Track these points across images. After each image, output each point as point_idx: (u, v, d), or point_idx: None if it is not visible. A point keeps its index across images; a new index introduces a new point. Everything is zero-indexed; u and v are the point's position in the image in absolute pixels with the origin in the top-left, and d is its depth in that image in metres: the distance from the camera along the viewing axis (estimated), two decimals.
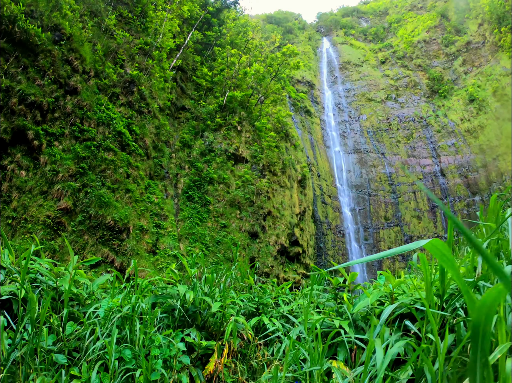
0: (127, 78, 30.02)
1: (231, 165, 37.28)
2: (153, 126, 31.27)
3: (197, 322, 5.98)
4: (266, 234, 35.25)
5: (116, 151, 25.57)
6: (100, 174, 23.99)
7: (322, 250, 48.66)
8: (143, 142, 29.33)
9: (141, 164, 28.25)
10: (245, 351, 6.02)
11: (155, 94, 32.78)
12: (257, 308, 7.06)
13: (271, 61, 45.58)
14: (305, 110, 66.53)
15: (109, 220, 22.67)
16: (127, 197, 25.40)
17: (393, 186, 59.99)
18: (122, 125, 27.11)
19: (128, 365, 4.65)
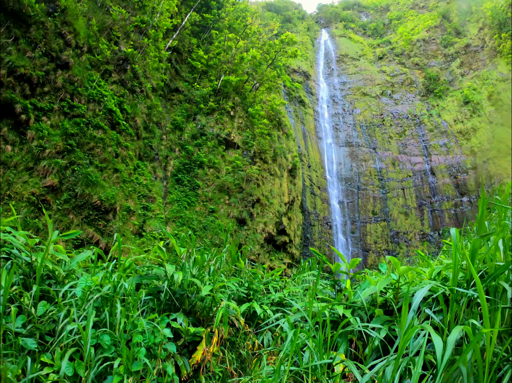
0: (121, 55, 29.35)
1: (222, 150, 36.93)
2: (145, 106, 30.69)
3: (184, 307, 5.59)
4: (254, 221, 35.09)
5: (106, 129, 25.03)
6: (88, 152, 23.48)
7: (309, 241, 48.76)
8: (134, 122, 28.78)
9: (131, 144, 27.74)
10: (234, 339, 5.70)
11: (149, 74, 32.14)
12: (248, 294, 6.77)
13: (268, 47, 45.02)
14: (299, 100, 66.18)
15: (96, 199, 22.25)
16: (115, 177, 24.96)
17: (382, 181, 60.29)
18: (113, 103, 26.51)
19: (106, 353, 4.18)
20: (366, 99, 72.06)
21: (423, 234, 53.82)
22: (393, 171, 61.32)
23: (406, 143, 64.57)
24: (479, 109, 61.73)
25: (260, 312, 5.87)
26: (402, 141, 65.12)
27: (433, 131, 64.64)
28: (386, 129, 66.95)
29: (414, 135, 65.45)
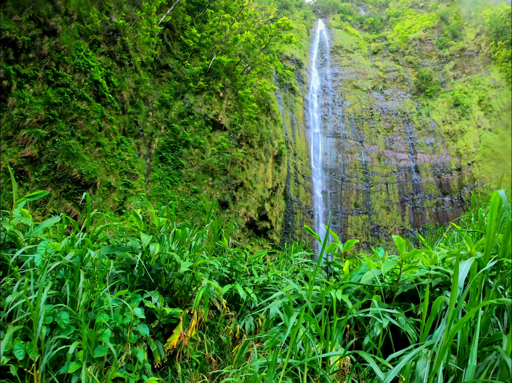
0: (112, 26, 28.58)
1: (209, 131, 36.53)
2: (132, 81, 30.01)
3: (160, 284, 5.11)
4: (237, 205, 34.91)
5: (90, 101, 24.42)
6: (71, 123, 22.90)
7: (290, 228, 48.88)
8: (120, 96, 28.14)
9: (116, 118, 27.15)
10: (213, 322, 5.36)
11: (139, 48, 31.38)
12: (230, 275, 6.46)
13: (263, 31, 44.38)
14: (289, 88, 65.70)
15: (76, 173, 21.76)
16: (97, 151, 24.43)
17: (367, 174, 60.70)
18: (100, 75, 25.84)
19: (64, 334, 3.53)
20: (357, 92, 72.08)
21: (403, 229, 54.60)
22: (378, 165, 61.80)
23: (393, 139, 65.01)
24: (468, 112, 62.54)
25: (243, 294, 5.53)
26: (389, 136, 65.52)
27: (420, 130, 65.24)
28: (374, 124, 67.20)
29: (401, 132, 65.92)
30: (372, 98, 71.19)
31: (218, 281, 6.25)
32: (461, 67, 72.14)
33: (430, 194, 57.80)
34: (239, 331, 5.42)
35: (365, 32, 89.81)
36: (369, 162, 62.09)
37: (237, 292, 5.66)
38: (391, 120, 67.67)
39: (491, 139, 55.66)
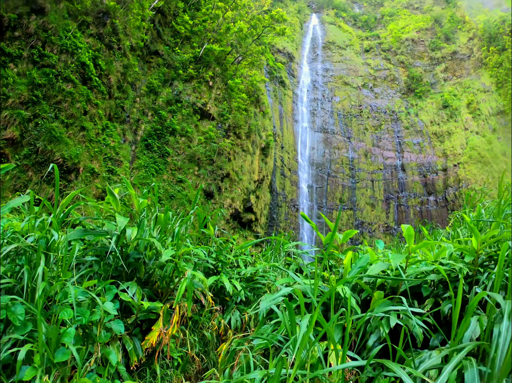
0: (102, 8, 27.86)
1: (197, 120, 36.08)
2: (121, 65, 29.34)
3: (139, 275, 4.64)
4: (222, 196, 34.61)
5: (76, 83, 23.78)
6: (55, 105, 22.28)
7: (275, 221, 48.86)
8: (108, 79, 27.50)
9: (102, 103, 26.53)
10: (197, 317, 4.95)
11: (129, 31, 30.69)
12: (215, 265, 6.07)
13: (256, 21, 43.86)
14: (280, 81, 65.39)
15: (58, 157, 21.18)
16: (81, 135, 23.84)
17: (353, 171, 61.02)
18: (88, 57, 25.18)
19: (17, 334, 2.96)
20: (347, 88, 72.14)
21: (387, 226, 55.25)
22: (365, 162, 62.17)
23: (381, 137, 65.42)
24: (456, 114, 63.37)
25: (229, 287, 5.13)
26: (377, 134, 65.90)
27: (408, 129, 65.78)
28: (362, 121, 67.47)
29: (389, 130, 66.34)
30: (362, 95, 71.36)
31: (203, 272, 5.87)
32: (452, 70, 72.91)
33: (415, 193, 58.47)
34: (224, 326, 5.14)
35: (359, 29, 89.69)
36: (356, 159, 62.41)
37: (223, 284, 5.33)
38: (380, 118, 68.02)
39: (478, 142, 56.46)
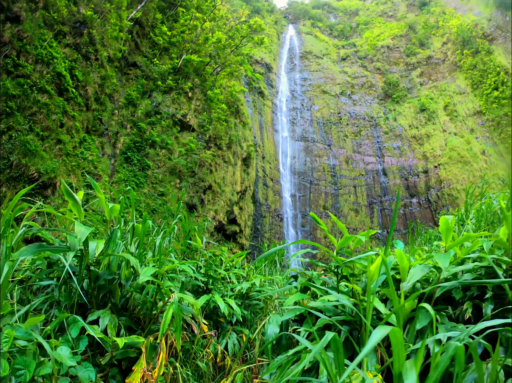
0: (79, 17, 27.23)
1: (177, 131, 35.53)
2: (98, 76, 28.65)
3: (114, 300, 3.85)
4: (205, 208, 34.00)
5: (52, 95, 23.01)
6: (29, 117, 21.47)
7: (259, 232, 48.48)
8: (85, 91, 26.77)
9: (79, 115, 25.76)
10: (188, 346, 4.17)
11: (106, 42, 30.06)
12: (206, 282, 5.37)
13: (234, 31, 43.73)
14: (258, 91, 65.57)
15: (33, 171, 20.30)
16: (58, 149, 23.01)
17: (335, 177, 61.43)
18: (64, 67, 24.43)
19: None
20: (326, 97, 72.97)
21: None
22: (346, 168, 62.72)
23: (361, 143, 66.20)
24: (434, 117, 64.75)
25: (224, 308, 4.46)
26: (357, 140, 66.65)
27: (388, 134, 66.74)
28: (342, 128, 68.14)
29: (369, 136, 67.23)
30: (340, 103, 72.22)
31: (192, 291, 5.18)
32: (427, 74, 74.71)
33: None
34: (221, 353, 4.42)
35: (335, 38, 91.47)
36: (337, 165, 62.89)
37: (216, 304, 4.65)
38: (359, 124, 68.89)
39: (457, 142, 57.66)
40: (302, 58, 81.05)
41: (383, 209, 58.20)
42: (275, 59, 78.78)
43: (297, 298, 3.84)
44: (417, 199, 57.89)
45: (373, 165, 63.24)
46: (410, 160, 61.96)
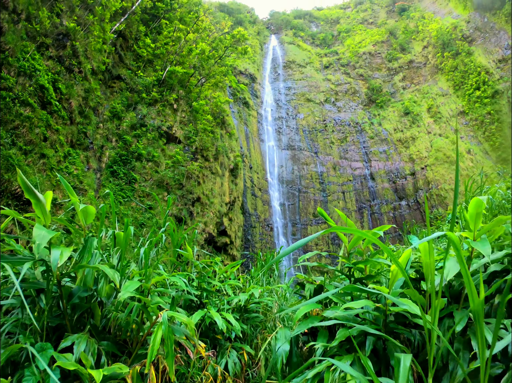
0: (62, 30, 26.80)
1: (163, 144, 35.12)
2: (82, 89, 28.19)
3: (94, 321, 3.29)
4: (194, 220, 33.53)
5: (35, 108, 22.50)
6: (12, 131, 20.91)
7: (250, 243, 48.09)
8: (68, 104, 26.29)
9: (63, 128, 25.26)
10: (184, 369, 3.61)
11: (90, 54, 29.64)
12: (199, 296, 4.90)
13: (218, 42, 43.69)
14: (243, 102, 65.67)
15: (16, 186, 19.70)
16: (41, 163, 22.44)
17: (323, 184, 61.55)
18: (47, 80, 23.92)
19: None
20: (310, 105, 73.39)
21: None
22: (334, 175, 62.92)
23: (347, 149, 66.58)
24: (418, 120, 65.50)
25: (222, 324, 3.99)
26: (343, 146, 67.02)
27: (373, 139, 67.25)
28: (328, 135, 68.53)
29: (355, 142, 67.64)
30: (325, 110, 72.75)
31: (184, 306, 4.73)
32: (409, 78, 75.83)
33: (386, 199, 59.39)
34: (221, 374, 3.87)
35: (317, 47, 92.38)
36: (325, 172, 63.10)
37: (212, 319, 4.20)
38: (344, 130, 69.35)
39: (442, 143, 58.33)
40: (286, 68, 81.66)
41: (373, 213, 58.38)
42: (258, 70, 79.19)
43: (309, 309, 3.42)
44: (406, 201, 58.20)
45: (360, 170, 63.57)
46: (397, 163, 62.39)
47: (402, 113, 68.99)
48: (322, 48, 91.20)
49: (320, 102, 73.75)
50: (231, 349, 4.39)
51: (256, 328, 5.39)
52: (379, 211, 58.30)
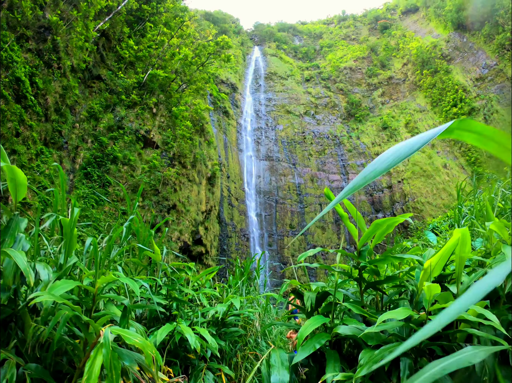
0: (44, 23, 25.92)
1: (140, 148, 34.33)
2: (60, 85, 27.27)
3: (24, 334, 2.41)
4: (169, 228, 32.74)
5: (9, 100, 21.56)
6: None
7: (226, 252, 47.45)
8: (45, 100, 25.36)
9: (37, 125, 24.33)
10: None
11: (71, 51, 28.74)
12: (168, 307, 4.19)
13: (201, 49, 43.25)
14: (223, 111, 65.48)
15: None
16: (11, 160, 21.49)
17: (300, 196, 61.50)
18: (24, 73, 23.00)
19: None
20: (290, 116, 73.76)
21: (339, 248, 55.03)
22: (311, 187, 63.05)
23: (325, 161, 66.98)
24: (396, 134, 66.68)
25: (194, 343, 3.26)
26: (321, 159, 67.45)
27: (351, 152, 67.89)
28: (306, 147, 68.89)
29: (333, 154, 68.11)
30: (304, 122, 73.14)
31: (149, 318, 4.02)
32: (388, 94, 77.36)
33: (363, 211, 59.88)
34: None
35: (299, 60, 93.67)
36: (303, 184, 63.16)
37: (184, 336, 3.45)
38: (323, 143, 69.86)
39: (419, 157, 59.27)
40: (267, 79, 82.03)
41: None
42: (240, 80, 79.41)
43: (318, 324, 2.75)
44: (382, 213, 58.62)
45: (338, 182, 63.91)
46: None
47: (380, 127, 70.12)
48: (304, 62, 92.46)
49: (300, 114, 74.25)
50: (206, 371, 3.71)
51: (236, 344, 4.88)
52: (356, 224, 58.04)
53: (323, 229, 57.78)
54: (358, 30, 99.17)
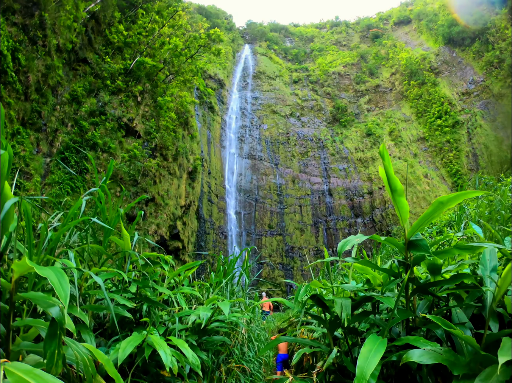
0: None
1: (121, 136, 33.41)
2: (43, 64, 26.14)
3: None
4: (146, 221, 31.91)
5: None
6: None
7: (203, 249, 47.12)
8: (26, 78, 24.27)
9: (15, 103, 23.27)
10: None
11: (58, 30, 27.58)
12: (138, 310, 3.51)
13: (192, 40, 42.46)
14: (209, 106, 65.03)
15: None
16: None
17: (281, 196, 61.66)
18: (6, 47, 21.93)
19: None
20: (275, 117, 73.95)
21: (317, 250, 56.26)
22: (292, 188, 63.35)
23: (308, 163, 67.38)
24: (379, 142, 67.70)
25: (168, 360, 2.58)
26: (304, 161, 67.79)
27: (334, 156, 68.52)
28: (290, 148, 69.10)
29: (316, 157, 68.63)
30: (289, 123, 73.39)
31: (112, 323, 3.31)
32: (375, 101, 78.53)
33: (343, 216, 60.28)
34: None
35: (289, 62, 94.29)
36: (284, 185, 63.33)
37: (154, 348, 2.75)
38: (306, 145, 70.24)
39: (401, 166, 60.26)
40: (255, 78, 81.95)
41: (328, 229, 58.94)
42: (228, 76, 79.09)
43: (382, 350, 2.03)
44: (362, 219, 59.17)
45: (319, 185, 64.33)
46: (355, 181, 63.66)
47: (364, 133, 71.00)
48: (293, 63, 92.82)
49: (285, 115, 74.47)
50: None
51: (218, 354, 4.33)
52: (334, 227, 58.95)
53: (301, 231, 58.09)
54: (350, 36, 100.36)
